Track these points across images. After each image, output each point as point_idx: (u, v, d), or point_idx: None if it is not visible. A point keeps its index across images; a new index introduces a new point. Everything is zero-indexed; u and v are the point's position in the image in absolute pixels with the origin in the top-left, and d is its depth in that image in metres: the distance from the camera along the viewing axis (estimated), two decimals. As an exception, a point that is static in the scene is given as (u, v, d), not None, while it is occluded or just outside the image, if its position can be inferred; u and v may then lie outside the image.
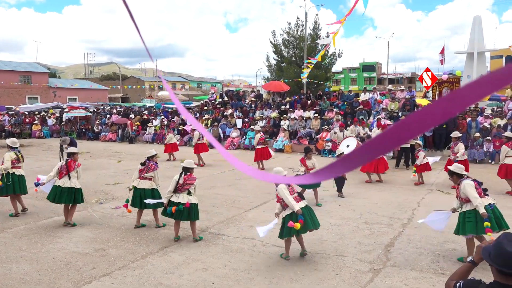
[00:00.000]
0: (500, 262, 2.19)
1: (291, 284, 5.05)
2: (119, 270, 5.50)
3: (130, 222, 7.66)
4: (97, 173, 12.83)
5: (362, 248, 6.22)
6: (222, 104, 23.50)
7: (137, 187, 7.29)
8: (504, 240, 2.22)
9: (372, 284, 5.03)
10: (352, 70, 66.98)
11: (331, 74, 37.36)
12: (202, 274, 5.34)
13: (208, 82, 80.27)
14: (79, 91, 50.88)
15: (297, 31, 33.89)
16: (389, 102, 18.29)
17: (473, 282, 2.36)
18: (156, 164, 7.51)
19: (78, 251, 6.21)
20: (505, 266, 2.18)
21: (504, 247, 2.19)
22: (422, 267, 5.50)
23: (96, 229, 7.29)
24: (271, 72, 35.72)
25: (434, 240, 6.51)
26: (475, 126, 15.30)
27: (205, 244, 6.46)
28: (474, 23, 23.53)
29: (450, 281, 2.53)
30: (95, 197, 9.72)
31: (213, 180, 11.75)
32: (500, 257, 2.19)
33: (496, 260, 2.21)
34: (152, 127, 22.85)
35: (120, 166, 14.49)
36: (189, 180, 6.52)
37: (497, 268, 2.22)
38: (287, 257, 5.83)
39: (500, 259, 2.19)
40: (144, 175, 7.33)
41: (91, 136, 24.89)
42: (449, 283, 2.53)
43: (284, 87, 24.15)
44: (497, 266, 2.20)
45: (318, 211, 8.27)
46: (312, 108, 20.04)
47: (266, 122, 20.00)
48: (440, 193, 9.87)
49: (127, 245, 6.45)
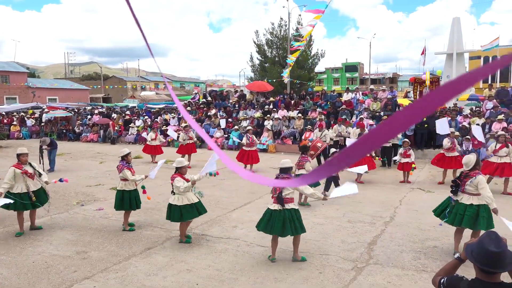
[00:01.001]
0: (481, 261, 2.23)
1: (275, 284, 5.06)
2: (101, 272, 5.42)
3: (113, 224, 7.56)
4: (78, 175, 12.62)
5: (345, 246, 6.27)
6: (206, 104, 23.40)
7: (118, 188, 7.23)
8: (486, 239, 2.26)
9: (355, 282, 5.07)
10: (335, 70, 67.55)
11: (314, 74, 37.63)
12: (186, 275, 5.31)
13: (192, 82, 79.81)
14: (59, 91, 49.97)
15: (280, 31, 34.03)
16: (371, 102, 18.50)
17: (455, 278, 2.40)
18: (124, 163, 7.19)
19: (59, 254, 6.09)
20: (486, 265, 2.21)
21: (485, 246, 2.22)
22: (404, 264, 5.58)
23: (77, 231, 7.16)
24: (255, 72, 35.77)
25: (415, 238, 6.62)
26: (454, 126, 15.59)
27: (189, 245, 6.42)
28: (453, 25, 23.99)
29: (436, 277, 2.56)
30: (76, 199, 9.56)
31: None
32: (482, 255, 2.23)
33: (478, 258, 2.24)
34: (135, 128, 22.60)
35: (102, 167, 14.28)
36: (172, 180, 6.46)
37: (479, 266, 2.25)
38: (273, 259, 5.74)
39: (481, 258, 2.23)
40: (119, 176, 7.22)
41: (72, 137, 24.46)
42: (435, 279, 2.57)
43: (267, 87, 24.19)
44: (478, 264, 2.24)
45: (301, 210, 8.31)
46: (296, 108, 20.13)
47: (249, 122, 20.00)
48: (421, 192, 10.04)
49: (109, 247, 6.36)
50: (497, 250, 2.20)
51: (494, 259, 2.20)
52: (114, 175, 12.45)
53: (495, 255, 2.20)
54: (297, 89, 31.43)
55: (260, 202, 9.08)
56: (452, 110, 16.83)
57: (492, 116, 15.36)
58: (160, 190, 10.15)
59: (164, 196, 9.59)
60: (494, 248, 2.20)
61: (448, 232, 6.88)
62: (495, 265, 2.21)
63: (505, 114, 15.31)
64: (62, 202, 9.27)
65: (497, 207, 5.44)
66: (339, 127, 14.83)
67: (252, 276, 5.26)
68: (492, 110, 16.01)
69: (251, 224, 7.38)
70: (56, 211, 8.33)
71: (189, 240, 6.53)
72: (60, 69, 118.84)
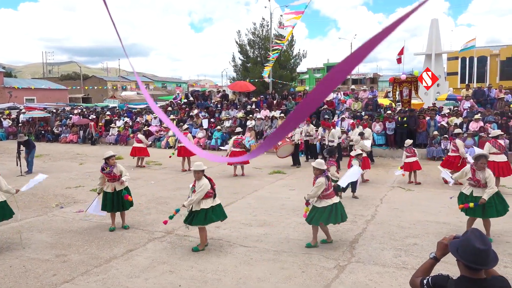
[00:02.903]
0: (468, 258, 2.25)
1: (258, 284, 5.07)
2: (82, 276, 5.33)
3: (93, 226, 7.44)
4: (57, 176, 12.37)
5: (327, 245, 6.33)
6: (188, 105, 23.26)
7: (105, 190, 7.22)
8: (472, 236, 2.29)
9: (337, 280, 5.12)
10: (317, 70, 68.05)
11: (296, 74, 37.84)
12: (168, 277, 5.26)
13: (173, 82, 79.19)
14: (37, 91, 48.87)
15: (262, 32, 34.09)
16: (352, 101, 18.73)
17: (441, 278, 2.41)
18: (106, 165, 7.10)
19: (38, 257, 5.96)
20: (473, 262, 2.24)
21: (472, 243, 2.24)
22: (385, 262, 5.66)
23: (57, 234, 7.02)
24: (237, 72, 35.74)
25: (396, 236, 6.72)
26: (433, 125, 15.91)
27: (171, 247, 6.37)
28: (432, 26, 24.49)
29: (415, 278, 2.56)
30: (55, 201, 9.37)
31: (178, 181, 11.61)
32: (468, 252, 2.25)
33: (464, 255, 2.27)
34: (116, 128, 22.29)
35: (82, 168, 14.04)
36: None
37: (464, 263, 2.28)
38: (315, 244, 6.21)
39: (468, 255, 2.25)
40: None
41: (51, 138, 23.95)
42: (414, 280, 2.56)
43: (250, 87, 24.20)
44: (465, 261, 2.26)
45: (284, 210, 8.36)
46: (278, 108, 20.20)
47: (232, 122, 19.97)
48: (401, 190, 10.20)
49: (89, 250, 6.26)
50: (483, 247, 2.23)
51: (480, 256, 2.23)
52: (95, 177, 12.26)
53: (481, 252, 2.23)
54: (280, 89, 31.53)
55: (243, 202, 9.08)
56: (431, 110, 17.18)
57: (469, 116, 15.73)
58: (142, 191, 10.04)
59: (146, 197, 9.51)
60: (480, 245, 2.23)
61: (427, 229, 7.02)
62: (482, 262, 2.24)
63: (481, 113, 15.70)
64: (41, 204, 9.08)
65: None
66: (308, 127, 14.94)
67: (235, 277, 5.26)
68: (469, 110, 16.40)
69: (233, 224, 7.38)
70: (34, 214, 8.15)
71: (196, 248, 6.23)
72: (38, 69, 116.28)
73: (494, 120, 15.02)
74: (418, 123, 15.75)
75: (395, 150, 15.54)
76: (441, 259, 2.58)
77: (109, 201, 7.14)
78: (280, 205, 8.76)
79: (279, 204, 8.83)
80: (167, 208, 8.67)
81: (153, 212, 8.32)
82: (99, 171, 7.25)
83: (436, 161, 14.37)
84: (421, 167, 11.08)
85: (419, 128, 15.72)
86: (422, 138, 15.50)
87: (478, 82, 34.99)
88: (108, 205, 7.16)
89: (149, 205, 8.86)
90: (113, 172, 7.11)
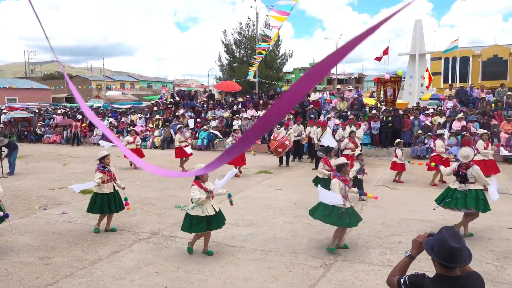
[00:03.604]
0: (443, 257, 2.28)
1: (245, 284, 5.06)
2: (66, 278, 5.25)
3: (77, 228, 7.33)
4: (40, 177, 12.17)
5: (314, 244, 6.36)
6: (173, 104, 23.12)
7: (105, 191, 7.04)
8: (446, 234, 2.31)
9: (324, 279, 5.15)
10: (303, 70, 68.33)
11: (282, 74, 37.88)
12: (154, 278, 5.22)
13: (159, 81, 78.60)
14: (19, 91, 47.90)
15: (248, 31, 34.07)
16: (338, 101, 18.86)
17: (418, 276, 2.44)
18: (99, 166, 7.04)
19: (20, 260, 5.84)
20: (448, 261, 2.27)
21: (447, 242, 2.27)
22: (371, 260, 5.71)
23: (40, 236, 6.90)
24: (223, 72, 35.66)
25: (381, 234, 6.79)
26: (417, 124, 16.14)
27: (157, 248, 6.32)
28: (416, 27, 24.81)
29: (392, 277, 2.58)
30: (38, 202, 9.20)
31: (165, 181, 11.53)
32: (444, 251, 2.27)
33: (439, 254, 2.29)
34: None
35: (65, 169, 13.83)
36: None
37: (440, 262, 2.31)
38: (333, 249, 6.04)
39: (443, 254, 2.28)
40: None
41: (34, 139, 23.55)
42: (391, 279, 2.58)
43: (236, 87, 24.18)
44: (440, 260, 2.29)
45: (270, 209, 8.37)
46: (264, 107, 20.23)
47: (218, 122, 19.93)
48: (387, 189, 10.31)
49: (74, 252, 6.16)
50: (458, 245, 2.26)
51: (455, 254, 2.26)
52: (79, 178, 12.10)
53: (456, 251, 2.25)
54: (266, 89, 31.57)
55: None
56: (416, 110, 17.41)
57: (452, 115, 16.00)
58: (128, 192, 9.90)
59: (132, 198, 9.38)
60: (455, 244, 2.26)
61: (412, 227, 7.11)
62: (456, 260, 2.27)
63: (464, 112, 15.99)
64: (23, 206, 8.91)
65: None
66: (298, 126, 15.01)
67: (222, 277, 5.24)
68: (452, 109, 16.68)
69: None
70: (16, 216, 7.99)
71: (210, 252, 6.01)
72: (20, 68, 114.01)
73: (476, 120, 15.31)
74: (402, 122, 15.95)
75: (380, 150, 15.72)
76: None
77: (111, 202, 7.01)
78: (267, 204, 8.77)
79: (266, 204, 8.84)
80: (153, 209, 8.61)
81: (138, 213, 8.25)
82: (98, 172, 6.97)
83: (420, 159, 14.58)
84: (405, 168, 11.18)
85: (404, 127, 15.92)
86: (407, 137, 15.70)
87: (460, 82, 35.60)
88: (111, 206, 7.01)
89: (135, 206, 8.76)
90: (112, 171, 7.14)
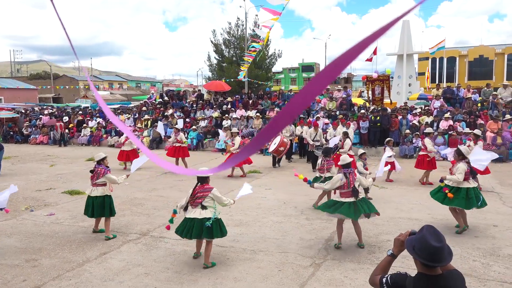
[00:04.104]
0: (424, 256, 2.28)
1: (235, 284, 5.06)
2: (53, 280, 5.19)
3: (65, 229, 7.25)
4: (27, 179, 12.00)
5: (303, 243, 6.38)
6: (163, 104, 22.99)
7: (90, 194, 6.77)
8: (427, 233, 2.31)
9: (313, 278, 5.17)
10: (292, 70, 68.56)
11: (271, 74, 37.96)
12: (143, 279, 5.19)
13: (148, 81, 78.10)
14: (5, 91, 47.19)
15: (237, 31, 34.05)
16: (327, 101, 18.97)
17: (400, 276, 2.44)
18: (106, 168, 6.90)
19: (6, 263, 5.76)
20: (429, 260, 2.27)
21: (428, 241, 2.27)
22: (360, 258, 5.75)
23: (27, 238, 6.81)
24: (212, 71, 35.58)
25: (370, 232, 6.84)
26: (405, 124, 16.30)
27: (146, 249, 6.28)
28: (403, 27, 25.03)
29: (375, 276, 2.57)
30: (24, 204, 9.07)
31: (154, 182, 11.47)
32: (425, 251, 2.27)
33: (421, 254, 2.29)
34: (88, 129, 21.81)
35: (52, 170, 13.66)
36: (201, 191, 5.53)
37: (421, 261, 2.31)
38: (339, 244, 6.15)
39: (425, 253, 2.28)
40: (96, 181, 6.76)
41: (20, 139, 23.20)
42: (373, 278, 2.57)
43: (225, 86, 24.14)
44: (422, 260, 2.29)
45: (260, 209, 8.38)
46: (254, 107, 20.24)
47: (208, 122, 19.89)
48: (375, 188, 10.38)
49: (61, 254, 6.09)
50: (439, 245, 2.26)
51: (436, 254, 2.26)
52: (66, 179, 11.97)
53: (437, 250, 2.26)
54: (255, 89, 31.59)
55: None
56: (403, 109, 17.59)
57: (439, 115, 16.20)
58: (116, 193, 9.82)
59: (120, 199, 9.32)
60: (436, 243, 2.26)
61: (400, 225, 7.18)
62: (438, 260, 2.27)
63: (451, 112, 16.20)
64: (10, 207, 8.74)
65: None
66: (290, 126, 15.06)
67: (211, 277, 5.23)
68: (439, 109, 16.88)
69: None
70: (2, 218, 7.87)
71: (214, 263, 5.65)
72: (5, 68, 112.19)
73: (462, 119, 15.53)
74: (391, 122, 16.10)
75: (369, 149, 15.83)
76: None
77: (112, 204, 6.90)
78: (256, 204, 8.77)
79: (255, 203, 8.84)
80: (142, 209, 8.55)
81: (127, 214, 8.19)
82: (107, 173, 6.78)
83: (408, 159, 14.74)
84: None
85: (392, 127, 16.07)
86: (395, 136, 15.84)
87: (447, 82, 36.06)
88: (113, 208, 6.88)
89: (124, 206, 8.70)
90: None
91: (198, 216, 5.42)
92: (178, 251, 6.13)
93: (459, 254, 5.84)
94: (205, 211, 5.46)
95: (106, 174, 6.77)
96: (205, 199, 5.47)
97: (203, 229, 5.37)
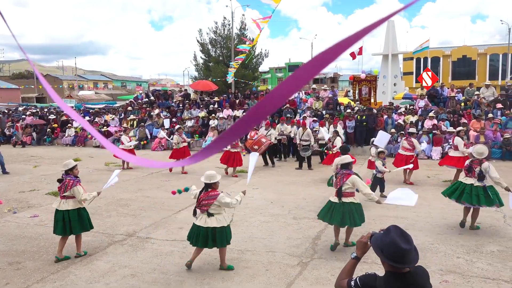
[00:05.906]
0: (393, 259, 2.26)
1: (222, 283, 5.05)
2: (37, 283, 5.10)
3: (49, 231, 7.11)
4: (10, 180, 11.77)
5: (291, 243, 6.40)
6: (149, 104, 22.81)
7: (58, 208, 5.82)
8: (395, 236, 2.28)
9: (301, 276, 5.19)
10: (279, 70, 68.68)
11: (258, 73, 37.97)
12: (130, 281, 5.14)
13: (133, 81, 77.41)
14: (-13, 91, 46.33)
15: (224, 31, 33.96)
16: (313, 101, 19.05)
17: (369, 277, 2.41)
18: (75, 178, 5.92)
19: (-12, 266, 5.64)
20: (399, 262, 2.26)
21: (398, 244, 2.25)
22: (346, 257, 5.79)
23: (10, 240, 6.68)
24: (199, 71, 35.42)
25: (356, 231, 6.87)
26: (391, 123, 16.47)
27: (132, 250, 6.22)
28: (388, 27, 25.29)
29: (341, 281, 2.55)
30: (7, 205, 8.90)
31: (140, 182, 11.37)
32: (394, 254, 2.26)
33: (390, 257, 2.27)
34: (72, 129, 21.51)
35: (36, 171, 13.43)
36: (206, 199, 5.30)
37: (391, 264, 2.29)
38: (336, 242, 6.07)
39: (394, 256, 2.26)
40: (64, 194, 5.81)
41: (2, 140, 22.74)
42: (340, 283, 2.54)
43: (212, 86, 24.06)
44: (391, 262, 2.27)
45: (247, 209, 8.38)
46: (241, 107, 20.21)
47: (194, 122, 19.79)
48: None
49: (46, 256, 6.00)
50: (408, 247, 2.25)
51: (406, 256, 2.25)
52: (50, 180, 11.77)
53: (406, 252, 2.25)
54: (242, 89, 31.56)
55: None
56: (388, 109, 17.77)
57: (424, 114, 16.42)
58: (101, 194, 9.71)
59: (105, 199, 9.22)
60: (405, 245, 2.25)
61: (386, 224, 7.21)
62: (408, 261, 2.27)
63: (435, 111, 16.42)
64: (-8, 210, 8.60)
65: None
66: (281, 126, 15.10)
67: (199, 277, 5.21)
68: (423, 108, 17.11)
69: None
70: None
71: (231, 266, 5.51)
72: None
73: (446, 118, 15.76)
74: (376, 121, 16.25)
75: (355, 148, 15.95)
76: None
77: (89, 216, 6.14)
78: (244, 204, 8.75)
79: (243, 203, 8.80)
80: (128, 210, 8.47)
81: (113, 215, 8.10)
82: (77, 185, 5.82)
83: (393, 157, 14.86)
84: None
85: (377, 126, 16.22)
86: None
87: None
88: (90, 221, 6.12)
89: (109, 207, 8.61)
90: None
91: (203, 224, 5.26)
92: (165, 252, 6.09)
93: (443, 251, 5.93)
94: (210, 219, 5.25)
95: (74, 187, 5.79)
96: (210, 207, 5.28)
97: (208, 239, 5.25)
